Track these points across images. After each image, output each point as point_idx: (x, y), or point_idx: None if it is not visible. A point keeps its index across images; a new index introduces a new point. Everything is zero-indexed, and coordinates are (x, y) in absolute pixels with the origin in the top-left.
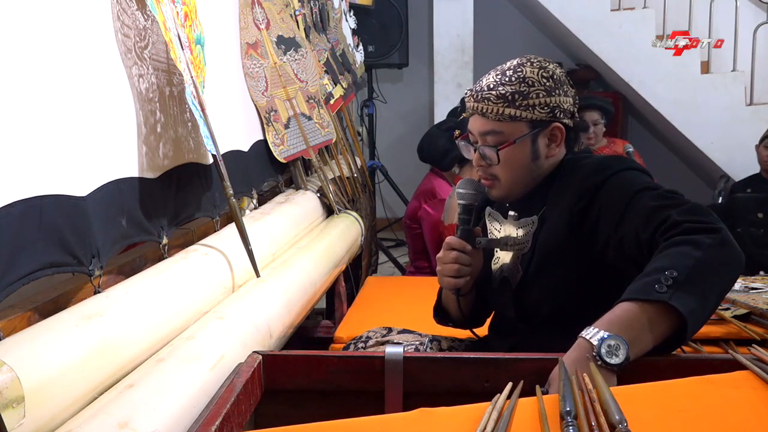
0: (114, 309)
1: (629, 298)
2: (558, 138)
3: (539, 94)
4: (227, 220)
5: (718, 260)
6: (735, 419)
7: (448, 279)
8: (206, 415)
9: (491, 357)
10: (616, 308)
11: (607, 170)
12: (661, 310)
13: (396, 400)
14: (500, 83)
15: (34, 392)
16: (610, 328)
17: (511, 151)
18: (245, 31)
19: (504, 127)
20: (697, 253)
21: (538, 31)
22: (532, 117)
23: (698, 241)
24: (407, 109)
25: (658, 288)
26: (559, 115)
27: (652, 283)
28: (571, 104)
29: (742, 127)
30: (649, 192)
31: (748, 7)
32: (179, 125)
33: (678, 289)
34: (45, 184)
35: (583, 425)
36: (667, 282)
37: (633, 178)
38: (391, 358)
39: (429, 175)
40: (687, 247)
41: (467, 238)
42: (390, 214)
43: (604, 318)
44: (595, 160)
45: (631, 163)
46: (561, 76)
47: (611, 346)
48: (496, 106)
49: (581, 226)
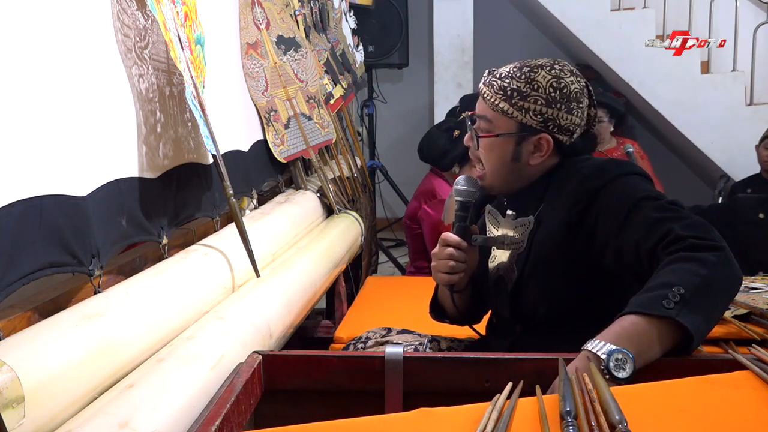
0: (114, 309)
1: (636, 311)
2: (544, 149)
3: (538, 100)
4: (227, 220)
5: (722, 279)
6: (735, 419)
7: (442, 275)
8: (206, 415)
9: (491, 357)
10: (623, 321)
11: (606, 174)
12: (667, 325)
13: (396, 400)
14: (510, 75)
15: (34, 392)
16: (618, 341)
17: (493, 143)
18: (245, 31)
19: (495, 118)
20: (703, 271)
21: (538, 31)
22: (522, 120)
23: (703, 259)
24: (407, 109)
25: (666, 304)
26: (552, 128)
27: (659, 298)
28: (572, 123)
29: (742, 127)
30: (650, 201)
31: (748, 7)
32: (179, 125)
33: (685, 305)
34: (45, 184)
35: (583, 425)
36: (675, 298)
37: (634, 185)
38: (391, 358)
39: (429, 175)
40: (693, 264)
41: (463, 234)
42: (390, 214)
43: (610, 330)
44: (595, 163)
45: (631, 168)
46: (574, 92)
47: (619, 360)
48: (494, 95)
49: (578, 229)
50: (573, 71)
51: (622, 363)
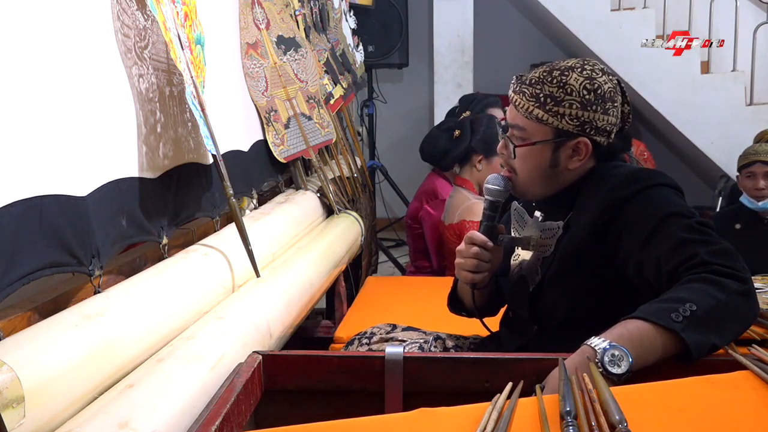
0: (114, 309)
1: (643, 317)
2: (582, 152)
3: (573, 104)
4: (227, 220)
5: (738, 308)
6: (735, 419)
7: (465, 273)
8: (206, 415)
9: (491, 357)
10: (628, 323)
11: (636, 184)
12: (670, 338)
13: (396, 400)
14: (541, 81)
15: (34, 392)
16: (619, 340)
17: (530, 152)
18: (245, 31)
19: (529, 126)
20: (720, 296)
21: (538, 31)
22: (559, 125)
23: (724, 284)
24: (407, 109)
25: (675, 317)
26: (589, 131)
27: (669, 310)
28: (609, 123)
29: (742, 127)
30: (679, 219)
31: (748, 7)
32: (179, 125)
33: (692, 322)
34: (45, 184)
35: (583, 425)
36: (685, 313)
37: (664, 198)
38: (391, 359)
39: (431, 175)
40: (712, 286)
41: (490, 234)
42: (390, 214)
43: (613, 330)
44: (626, 171)
45: (662, 179)
46: (608, 92)
47: (615, 356)
48: (527, 102)
49: (604, 238)
50: (603, 70)
51: (617, 360)
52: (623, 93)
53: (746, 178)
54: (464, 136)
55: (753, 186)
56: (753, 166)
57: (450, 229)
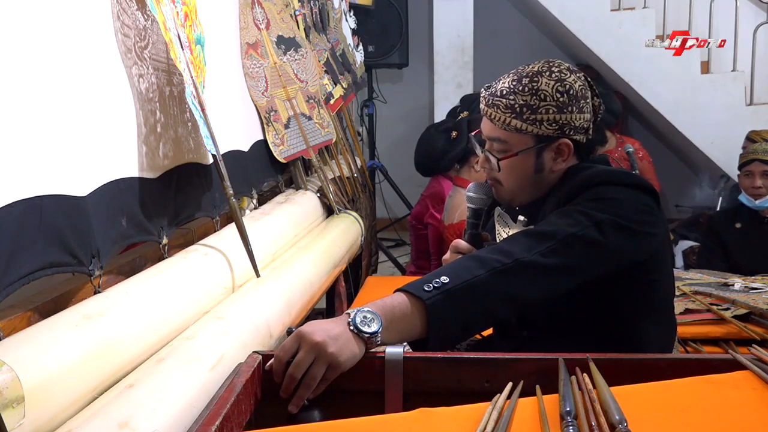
0: (114, 309)
1: (401, 288)
2: (565, 153)
3: (549, 109)
4: (227, 220)
5: (497, 286)
6: (735, 419)
7: None
8: (206, 415)
9: (491, 357)
10: (391, 295)
11: (592, 180)
12: (419, 306)
13: (396, 400)
14: (513, 91)
15: (34, 392)
16: (373, 306)
17: (514, 162)
18: (245, 31)
19: (509, 137)
20: (479, 272)
21: (538, 31)
22: (538, 132)
23: (486, 261)
24: (407, 109)
25: (426, 287)
26: (569, 132)
27: (424, 281)
28: (585, 120)
29: (742, 127)
30: (578, 222)
31: (748, 7)
32: (179, 125)
33: (441, 293)
34: (45, 184)
35: (583, 425)
36: (436, 284)
37: (601, 197)
38: (391, 358)
39: (437, 177)
40: (474, 262)
41: (475, 242)
42: (390, 214)
43: (377, 301)
44: (594, 172)
45: (626, 179)
46: (580, 90)
47: (366, 318)
48: (503, 115)
49: None
50: (570, 68)
51: (368, 321)
52: (591, 86)
53: (744, 177)
54: (461, 137)
55: (750, 184)
56: (751, 165)
57: (450, 229)
